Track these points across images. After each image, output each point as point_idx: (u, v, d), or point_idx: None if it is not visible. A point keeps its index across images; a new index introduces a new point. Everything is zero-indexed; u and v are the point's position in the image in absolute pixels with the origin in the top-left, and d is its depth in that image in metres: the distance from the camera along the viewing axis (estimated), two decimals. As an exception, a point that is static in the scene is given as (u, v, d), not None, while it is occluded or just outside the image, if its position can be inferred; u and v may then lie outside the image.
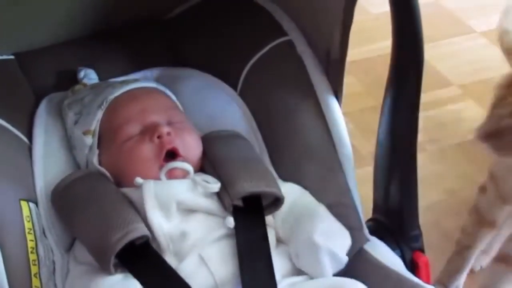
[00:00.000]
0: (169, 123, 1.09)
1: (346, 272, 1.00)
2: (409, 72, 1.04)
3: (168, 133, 1.05)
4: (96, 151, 1.10)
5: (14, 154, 1.08)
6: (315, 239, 0.96)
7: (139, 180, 1.02)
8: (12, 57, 1.20)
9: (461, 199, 1.60)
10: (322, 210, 1.05)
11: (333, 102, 1.14)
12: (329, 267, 0.97)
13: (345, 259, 0.99)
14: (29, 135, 1.13)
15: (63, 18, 1.24)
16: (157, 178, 1.04)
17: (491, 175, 1.31)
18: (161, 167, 1.05)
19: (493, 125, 1.14)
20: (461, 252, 1.40)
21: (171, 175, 1.05)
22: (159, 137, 1.05)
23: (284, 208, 1.05)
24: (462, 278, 1.41)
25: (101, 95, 1.14)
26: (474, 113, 1.83)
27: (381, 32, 1.28)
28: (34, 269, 0.97)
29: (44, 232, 1.03)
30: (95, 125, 1.11)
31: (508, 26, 1.21)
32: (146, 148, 1.06)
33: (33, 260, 0.97)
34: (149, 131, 1.07)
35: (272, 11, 1.23)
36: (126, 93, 1.15)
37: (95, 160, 1.10)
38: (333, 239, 0.99)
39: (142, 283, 0.94)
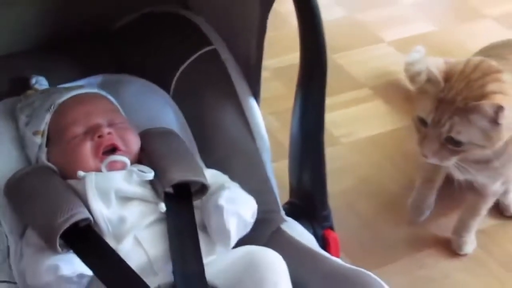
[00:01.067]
0: (110, 124, 1.09)
1: (265, 248, 1.00)
2: (314, 77, 1.04)
3: (109, 133, 1.06)
4: (45, 149, 1.09)
5: None
6: (219, 203, 0.96)
7: (81, 173, 1.02)
8: None
9: (372, 184, 1.62)
10: (229, 183, 1.05)
11: (252, 102, 1.15)
12: (235, 229, 0.96)
13: (250, 221, 0.99)
14: None
15: (17, 30, 1.22)
16: (99, 171, 1.04)
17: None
18: (101, 161, 1.04)
19: (435, 144, 1.20)
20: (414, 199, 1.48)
21: (111, 167, 1.04)
22: (99, 136, 1.05)
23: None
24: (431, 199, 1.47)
25: (49, 100, 1.13)
26: (383, 110, 1.85)
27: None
28: None
29: None
30: (43, 126, 1.10)
31: (411, 60, 1.22)
32: (88, 146, 1.06)
33: None
34: (91, 131, 1.06)
35: (199, 23, 1.23)
36: (71, 98, 1.14)
37: (43, 157, 1.09)
38: (237, 203, 0.99)
39: (84, 260, 0.93)
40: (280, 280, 0.90)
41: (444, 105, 1.17)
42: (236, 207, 0.97)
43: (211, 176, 1.07)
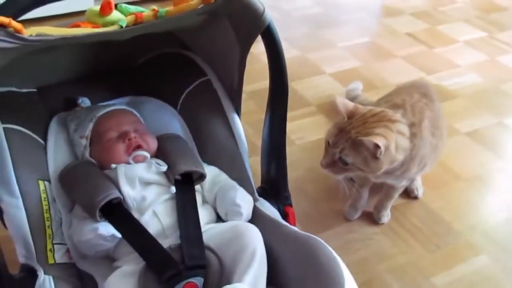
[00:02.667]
0: (135, 130, 1.10)
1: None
2: (279, 98, 1.06)
3: (135, 137, 1.07)
4: (88, 148, 1.10)
5: (34, 151, 1.05)
6: (237, 201, 1.00)
7: (113, 165, 1.03)
8: (35, 90, 1.17)
9: (316, 173, 1.60)
10: (236, 184, 1.06)
11: (235, 117, 1.16)
12: (244, 218, 1.00)
13: (250, 212, 1.02)
14: (45, 139, 1.10)
15: (69, 65, 1.21)
16: (127, 163, 1.05)
17: None
18: (130, 155, 1.05)
19: (329, 159, 1.19)
20: (357, 189, 1.43)
21: (136, 159, 1.06)
22: (129, 139, 1.06)
23: (207, 181, 1.07)
24: (362, 201, 1.45)
25: (91, 113, 1.13)
26: (325, 122, 1.84)
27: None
28: (47, 223, 0.96)
29: (54, 200, 1.01)
30: (88, 132, 1.10)
31: (350, 88, 1.22)
32: (121, 146, 1.07)
33: (47, 217, 0.97)
34: (123, 136, 1.08)
35: (197, 61, 1.23)
36: (107, 112, 1.14)
37: (87, 154, 1.09)
38: (245, 202, 1.02)
39: (115, 227, 0.94)
40: (257, 245, 0.91)
41: (342, 133, 1.16)
42: (245, 204, 1.02)
43: (214, 171, 1.10)
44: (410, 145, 1.20)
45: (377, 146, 1.10)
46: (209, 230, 0.97)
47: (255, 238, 0.92)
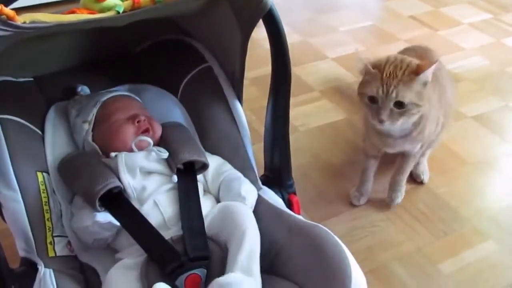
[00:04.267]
0: (144, 115, 1.09)
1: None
2: (281, 84, 1.04)
3: (144, 120, 1.06)
4: (90, 133, 1.08)
5: (32, 142, 1.04)
6: (242, 193, 0.99)
7: (113, 154, 1.02)
8: (31, 79, 1.15)
9: (321, 160, 1.61)
10: (241, 175, 1.05)
11: (237, 104, 1.14)
12: (250, 203, 1.00)
13: (254, 203, 1.01)
14: (42, 129, 1.09)
15: (67, 53, 1.19)
16: (131, 150, 1.03)
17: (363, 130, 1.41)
18: (135, 138, 1.04)
19: (387, 110, 1.19)
20: (363, 172, 1.44)
21: (139, 144, 1.04)
22: (138, 122, 1.06)
23: (210, 171, 1.05)
24: (368, 187, 1.45)
25: (94, 99, 1.12)
26: (328, 107, 1.84)
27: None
28: (47, 215, 0.95)
29: (53, 191, 1.00)
30: (91, 117, 1.09)
31: (358, 62, 1.22)
32: (131, 127, 1.06)
33: (46, 210, 0.95)
34: (132, 118, 1.07)
35: (198, 47, 1.21)
36: (112, 97, 1.13)
37: (89, 138, 1.07)
38: (250, 193, 1.01)
39: (114, 216, 0.93)
40: (247, 225, 0.90)
41: (387, 80, 1.17)
42: (250, 195, 1.01)
43: (218, 161, 1.09)
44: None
45: (430, 64, 1.14)
46: (206, 218, 0.95)
47: (246, 218, 0.92)
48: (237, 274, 0.82)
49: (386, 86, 1.16)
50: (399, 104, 1.16)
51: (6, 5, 0.73)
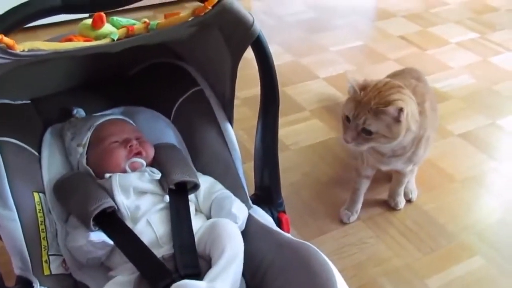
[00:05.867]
0: (136, 138, 1.11)
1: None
2: (270, 104, 1.06)
3: (136, 144, 1.08)
4: (85, 156, 1.09)
5: (29, 163, 1.05)
6: (233, 211, 1.00)
7: (107, 175, 1.03)
8: (29, 101, 1.17)
9: (311, 178, 1.62)
10: (232, 195, 1.07)
11: (228, 125, 1.16)
12: (239, 227, 1.00)
13: (245, 221, 1.02)
14: (39, 150, 1.10)
15: (63, 76, 1.21)
16: (124, 171, 1.05)
17: (360, 154, 1.43)
18: (127, 161, 1.06)
19: (353, 132, 1.22)
20: (354, 191, 1.46)
21: (133, 166, 1.06)
22: (130, 146, 1.07)
23: (202, 191, 1.07)
24: (358, 205, 1.47)
25: (89, 122, 1.14)
26: (319, 127, 1.85)
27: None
28: (43, 234, 0.96)
29: (49, 211, 1.01)
30: (85, 140, 1.10)
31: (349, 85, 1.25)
32: (123, 151, 1.08)
33: (42, 229, 0.97)
34: (125, 142, 1.09)
35: (190, 71, 1.23)
36: (106, 121, 1.15)
37: (84, 161, 1.09)
38: (241, 211, 1.02)
39: (108, 235, 0.95)
40: (229, 240, 0.93)
41: (362, 105, 1.20)
42: (240, 214, 1.02)
43: (209, 181, 1.10)
44: (419, 120, 1.26)
45: (401, 110, 1.16)
46: (196, 235, 0.97)
47: (232, 233, 0.95)
48: (200, 283, 0.85)
49: (357, 111, 1.20)
50: (366, 132, 1.20)
51: (6, 34, 0.75)
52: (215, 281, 0.85)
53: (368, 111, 1.18)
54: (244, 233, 0.99)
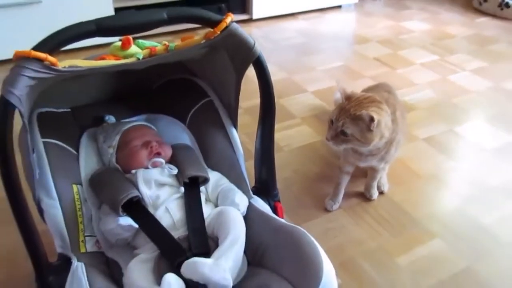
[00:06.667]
0: (155, 141, 1.09)
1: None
2: (267, 113, 1.05)
3: (156, 146, 1.07)
4: (114, 156, 1.09)
5: (69, 160, 1.05)
6: (236, 201, 1.00)
7: (133, 170, 1.03)
8: (69, 109, 1.17)
9: (300, 174, 1.61)
10: (235, 187, 1.06)
11: (233, 130, 1.15)
12: (241, 214, 0.99)
13: (246, 209, 1.01)
14: (77, 150, 1.10)
15: (97, 89, 1.21)
16: (147, 167, 1.05)
17: (342, 155, 1.43)
18: (150, 160, 1.05)
19: (333, 132, 1.22)
20: (337, 185, 1.45)
21: (154, 164, 1.05)
22: (151, 147, 1.06)
23: (211, 184, 1.07)
24: (340, 196, 1.46)
25: (117, 128, 1.13)
26: (308, 132, 1.85)
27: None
28: (80, 219, 0.96)
29: (85, 200, 1.01)
30: (114, 143, 1.10)
31: (336, 97, 1.25)
32: (145, 152, 1.06)
33: (79, 214, 0.97)
34: (146, 144, 1.08)
35: (202, 85, 1.23)
36: (131, 127, 1.14)
37: (114, 160, 1.09)
38: (242, 201, 1.02)
39: (134, 220, 0.94)
40: (234, 224, 0.93)
41: (343, 111, 1.20)
42: (242, 203, 1.01)
43: (217, 175, 1.09)
44: (392, 127, 1.25)
45: (372, 119, 1.15)
46: (206, 220, 0.97)
47: (236, 220, 0.94)
48: (207, 260, 0.84)
49: (339, 115, 1.20)
50: (343, 133, 1.20)
51: (50, 54, 0.75)
52: (220, 258, 0.85)
53: (347, 116, 1.18)
54: (246, 219, 0.98)
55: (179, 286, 0.81)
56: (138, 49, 0.93)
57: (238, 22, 0.92)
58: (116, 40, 0.93)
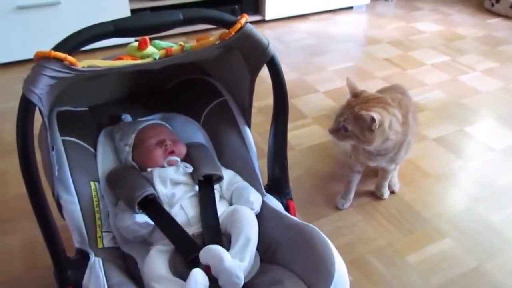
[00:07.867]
0: (170, 139, 1.09)
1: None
2: (281, 113, 1.04)
3: (170, 144, 1.06)
4: (130, 154, 1.09)
5: (86, 158, 1.06)
6: (250, 199, 0.99)
7: (149, 169, 1.02)
8: (87, 108, 1.17)
9: (312, 172, 1.60)
10: (249, 185, 1.05)
11: (247, 129, 1.15)
12: (255, 212, 0.98)
13: (260, 207, 1.01)
14: (95, 148, 1.11)
15: (114, 88, 1.21)
16: (162, 166, 1.04)
17: (351, 150, 1.41)
18: (165, 158, 1.05)
19: (335, 126, 1.20)
20: (348, 183, 1.44)
21: (169, 162, 1.05)
22: (165, 146, 1.06)
23: (225, 182, 1.06)
24: (351, 195, 1.45)
25: (133, 127, 1.13)
26: (319, 131, 1.84)
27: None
28: (97, 215, 0.96)
29: (103, 196, 1.01)
30: (131, 141, 1.10)
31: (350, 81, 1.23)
32: (160, 150, 1.06)
33: (97, 210, 0.97)
34: (160, 143, 1.07)
35: (216, 85, 1.22)
36: (146, 126, 1.14)
37: (130, 158, 1.08)
38: (256, 199, 1.01)
39: (150, 217, 0.94)
40: (247, 223, 0.92)
41: (348, 107, 1.19)
42: (256, 201, 1.00)
43: (231, 174, 1.08)
44: (401, 130, 1.23)
45: (373, 120, 1.13)
46: (220, 217, 0.97)
47: (249, 218, 0.94)
48: (227, 253, 0.84)
49: (343, 110, 1.20)
50: (345, 129, 1.19)
51: (70, 54, 0.76)
52: (235, 258, 0.85)
53: (351, 113, 1.17)
54: (259, 216, 0.98)
55: (205, 282, 0.81)
56: (154, 50, 0.92)
57: (251, 23, 0.91)
58: (132, 41, 0.93)
